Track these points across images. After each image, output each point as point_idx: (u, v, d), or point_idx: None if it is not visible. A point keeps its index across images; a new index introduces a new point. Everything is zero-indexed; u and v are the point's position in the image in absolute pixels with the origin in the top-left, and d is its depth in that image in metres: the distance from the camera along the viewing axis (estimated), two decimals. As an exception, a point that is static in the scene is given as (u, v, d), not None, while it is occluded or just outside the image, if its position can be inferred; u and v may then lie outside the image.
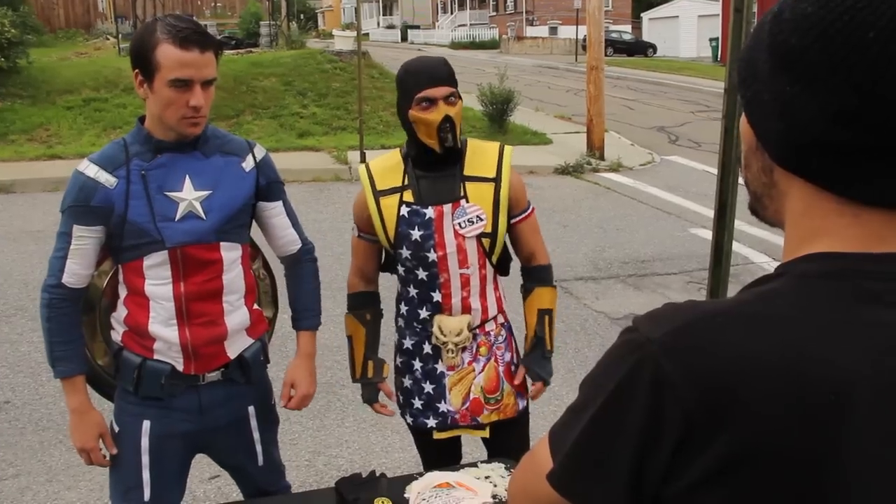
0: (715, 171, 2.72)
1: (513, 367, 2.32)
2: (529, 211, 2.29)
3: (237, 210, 2.02)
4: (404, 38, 53.46)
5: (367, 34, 46.96)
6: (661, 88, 22.18)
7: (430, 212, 2.16)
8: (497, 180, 2.19)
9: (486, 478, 2.02)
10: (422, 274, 2.20)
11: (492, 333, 2.27)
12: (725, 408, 0.68)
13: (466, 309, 2.21)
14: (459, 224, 2.15)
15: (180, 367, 2.02)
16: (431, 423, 2.29)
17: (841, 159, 0.69)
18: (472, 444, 2.73)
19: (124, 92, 11.94)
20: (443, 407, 2.26)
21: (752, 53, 0.75)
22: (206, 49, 1.86)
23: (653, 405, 0.70)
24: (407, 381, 2.32)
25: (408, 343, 2.30)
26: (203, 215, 1.96)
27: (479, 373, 2.25)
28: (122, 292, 2.02)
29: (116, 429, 2.06)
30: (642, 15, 45.85)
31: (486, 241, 2.18)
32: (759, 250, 6.96)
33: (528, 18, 48.74)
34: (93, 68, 12.90)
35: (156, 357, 2.00)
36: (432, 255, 2.17)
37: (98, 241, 1.95)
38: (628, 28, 45.15)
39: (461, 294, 2.20)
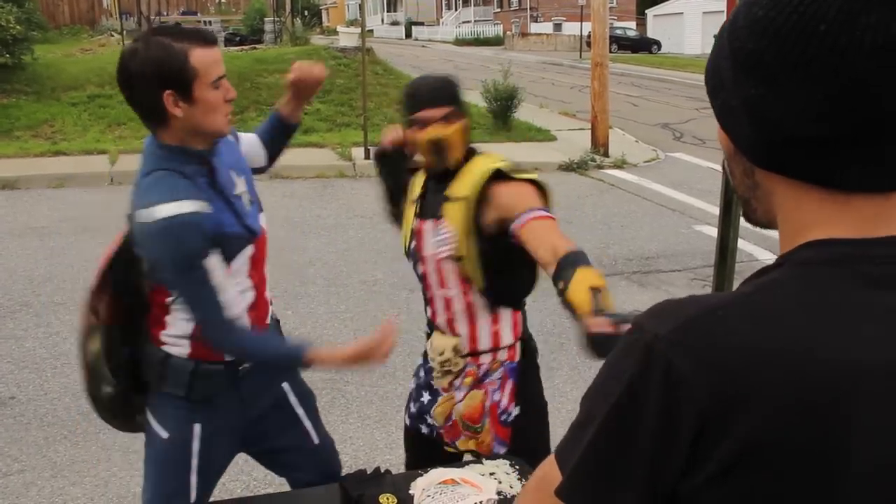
0: (719, 167, 2.71)
1: (500, 413, 2.17)
2: (531, 216, 1.91)
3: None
4: (408, 35, 53.40)
5: (372, 30, 46.91)
6: (665, 85, 22.13)
7: (415, 223, 2.20)
8: (469, 199, 2.05)
9: (491, 474, 2.02)
10: (419, 286, 2.25)
11: (484, 365, 2.17)
12: (736, 401, 0.68)
13: (453, 332, 2.18)
14: (434, 244, 2.13)
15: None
16: (424, 429, 2.31)
17: (815, 153, 0.70)
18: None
19: (129, 88, 11.94)
20: (430, 420, 2.29)
21: (716, 62, 0.77)
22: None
23: (666, 403, 0.69)
24: (412, 384, 2.37)
25: (423, 348, 2.33)
26: (254, 201, 1.99)
27: (459, 401, 2.20)
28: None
29: (165, 435, 1.99)
30: (647, 11, 45.73)
31: (460, 266, 2.09)
32: (763, 247, 6.94)
33: (533, 15, 48.63)
34: (97, 64, 12.89)
35: (226, 358, 1.98)
36: (419, 270, 2.21)
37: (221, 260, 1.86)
38: (633, 25, 45.03)
39: (445, 315, 2.18)
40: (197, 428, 1.99)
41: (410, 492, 1.94)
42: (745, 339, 0.69)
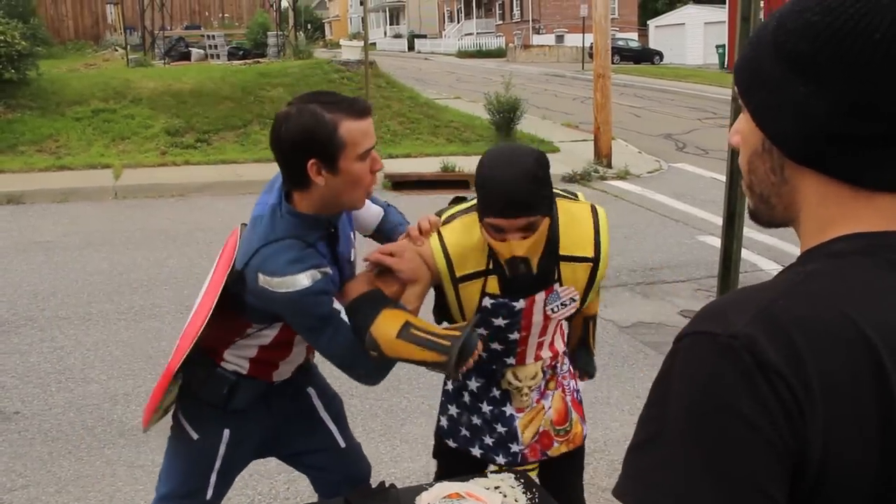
0: (722, 178, 2.71)
1: (577, 395, 2.28)
2: None
3: None
4: (411, 48, 53.63)
5: (374, 44, 47.16)
6: (667, 96, 22.16)
7: (520, 304, 1.98)
8: (596, 260, 1.98)
9: (496, 488, 2.01)
10: (496, 346, 2.09)
11: (557, 366, 2.21)
12: (815, 380, 0.71)
13: (539, 359, 2.14)
14: (552, 309, 2.00)
15: (286, 377, 2.12)
16: (501, 460, 2.18)
17: (853, 150, 0.76)
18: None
19: (132, 103, 12.00)
20: (514, 448, 2.16)
21: (754, 64, 0.82)
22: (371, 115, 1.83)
23: (769, 395, 0.70)
24: (476, 420, 2.19)
25: (473, 385, 2.18)
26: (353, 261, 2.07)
27: (549, 408, 2.18)
28: (262, 340, 1.99)
29: (195, 436, 2.06)
30: (648, 23, 45.84)
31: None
32: (767, 257, 6.94)
33: (535, 27, 48.79)
34: (101, 79, 12.96)
35: (275, 380, 2.09)
36: (514, 336, 2.05)
37: None
38: (635, 36, 45.15)
39: (535, 353, 2.12)
40: (226, 433, 2.07)
41: (415, 506, 1.93)
42: (808, 320, 0.73)
